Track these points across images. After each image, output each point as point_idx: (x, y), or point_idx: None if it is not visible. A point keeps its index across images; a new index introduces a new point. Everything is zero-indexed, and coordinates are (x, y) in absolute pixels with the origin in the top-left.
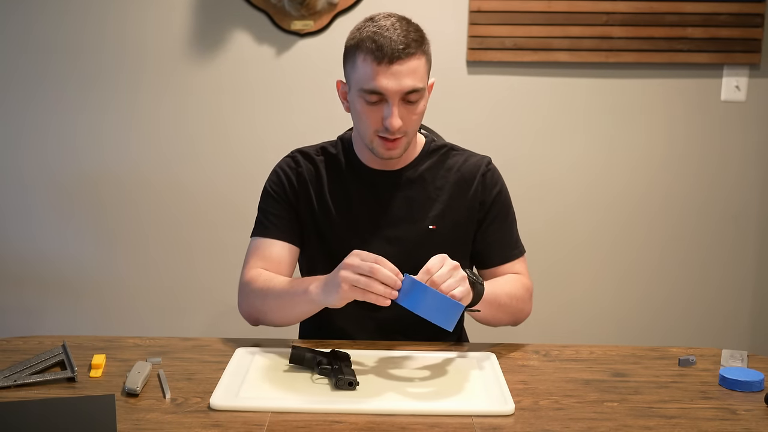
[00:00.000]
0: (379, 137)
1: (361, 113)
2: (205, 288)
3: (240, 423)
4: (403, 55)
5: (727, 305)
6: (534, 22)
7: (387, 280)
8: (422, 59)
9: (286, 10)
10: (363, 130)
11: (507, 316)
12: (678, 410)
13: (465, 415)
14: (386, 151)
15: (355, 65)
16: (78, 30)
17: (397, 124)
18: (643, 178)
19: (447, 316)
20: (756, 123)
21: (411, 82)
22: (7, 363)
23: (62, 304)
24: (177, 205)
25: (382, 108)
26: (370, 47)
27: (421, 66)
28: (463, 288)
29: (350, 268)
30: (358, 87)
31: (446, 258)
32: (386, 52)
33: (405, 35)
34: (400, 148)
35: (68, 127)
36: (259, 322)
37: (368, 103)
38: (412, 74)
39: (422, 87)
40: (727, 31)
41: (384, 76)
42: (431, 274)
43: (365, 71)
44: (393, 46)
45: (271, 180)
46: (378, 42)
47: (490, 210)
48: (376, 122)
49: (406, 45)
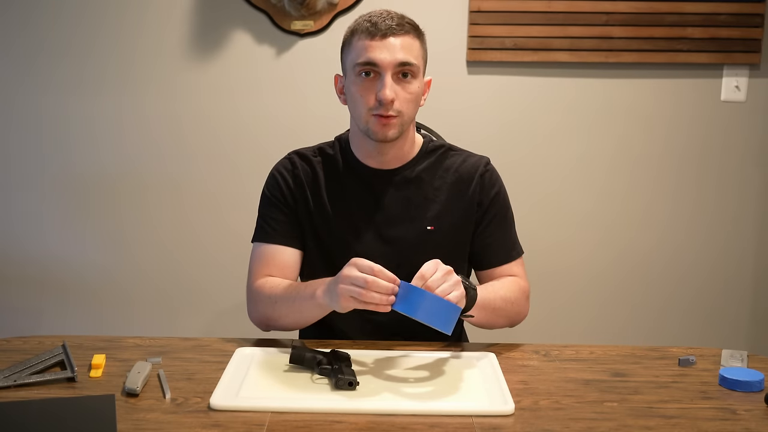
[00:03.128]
0: (374, 116)
1: (355, 93)
2: (205, 288)
3: (240, 423)
4: (397, 31)
5: (727, 305)
6: (534, 22)
7: (383, 290)
8: (416, 41)
9: (286, 10)
10: (358, 111)
11: (502, 319)
12: (678, 410)
13: (465, 415)
14: (381, 129)
15: (350, 47)
16: (77, 30)
17: (390, 95)
18: (643, 178)
19: (445, 319)
20: (756, 123)
21: (404, 55)
22: (7, 363)
23: (62, 304)
24: (176, 205)
25: (375, 84)
26: (365, 26)
27: (415, 45)
28: (458, 292)
29: (347, 279)
30: (353, 64)
31: (439, 263)
32: (380, 27)
33: (400, 18)
34: (395, 127)
35: (68, 128)
36: (271, 327)
37: (362, 79)
38: (405, 49)
39: (416, 63)
40: (727, 31)
41: (377, 49)
42: (425, 279)
43: (359, 47)
44: (387, 24)
45: (269, 184)
46: (372, 21)
47: (488, 211)
48: (370, 99)
49: (400, 24)
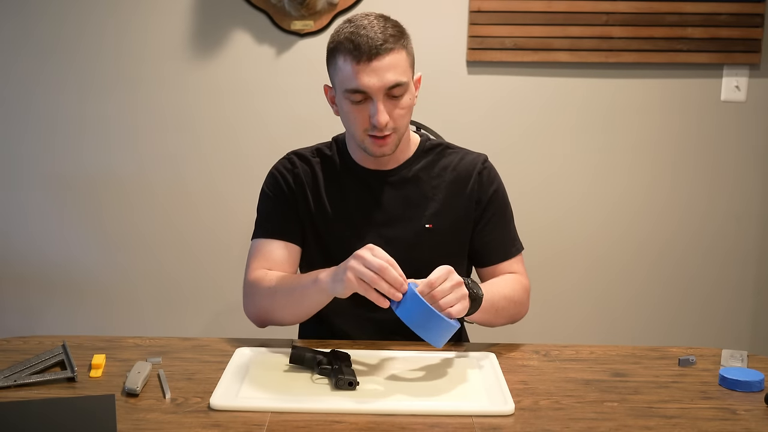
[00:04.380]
0: (370, 136)
1: (348, 114)
2: (205, 288)
3: (240, 423)
4: (382, 51)
5: (727, 305)
6: (534, 22)
7: (393, 282)
8: (402, 53)
9: (286, 10)
10: (353, 131)
11: (504, 318)
12: (678, 410)
13: (465, 415)
14: (378, 149)
15: (336, 67)
16: (78, 31)
17: (384, 120)
18: (643, 178)
19: (438, 336)
20: (756, 123)
21: (392, 77)
22: (7, 363)
23: (62, 303)
24: (176, 205)
25: (368, 107)
26: (348, 47)
27: (401, 60)
28: (460, 306)
29: (361, 260)
30: (342, 89)
31: (451, 272)
32: (364, 50)
33: (382, 32)
34: (390, 144)
35: (69, 128)
36: (267, 322)
37: (353, 102)
38: (392, 69)
39: (405, 81)
40: (727, 31)
41: (365, 74)
42: (433, 287)
43: (346, 72)
44: (370, 44)
45: (268, 182)
46: (355, 41)
47: (487, 208)
48: (364, 121)
49: (383, 41)
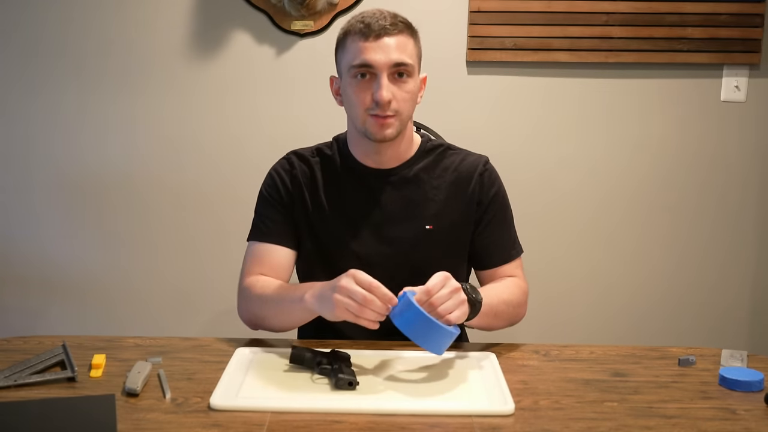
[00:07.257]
0: (371, 116)
1: (351, 95)
2: (205, 288)
3: (240, 423)
4: (390, 31)
5: (726, 305)
6: (534, 22)
7: (377, 310)
8: (410, 40)
9: (286, 10)
10: (355, 113)
11: (502, 322)
12: (678, 410)
13: (465, 415)
14: (379, 130)
15: (345, 49)
16: (79, 31)
17: (387, 95)
18: (643, 178)
19: (437, 344)
20: (756, 123)
21: (398, 55)
22: (7, 363)
23: (63, 304)
24: (177, 205)
25: (371, 85)
26: (358, 28)
27: (409, 44)
28: (459, 313)
29: (344, 291)
30: (348, 66)
31: (449, 278)
32: (374, 28)
33: (393, 17)
34: (392, 127)
35: (70, 128)
36: (259, 327)
37: (358, 80)
38: (400, 48)
39: (411, 63)
40: (727, 31)
41: (371, 50)
42: (431, 294)
43: (354, 49)
44: (380, 24)
45: (266, 183)
46: (365, 22)
47: (487, 210)
48: (366, 100)
49: (393, 23)
